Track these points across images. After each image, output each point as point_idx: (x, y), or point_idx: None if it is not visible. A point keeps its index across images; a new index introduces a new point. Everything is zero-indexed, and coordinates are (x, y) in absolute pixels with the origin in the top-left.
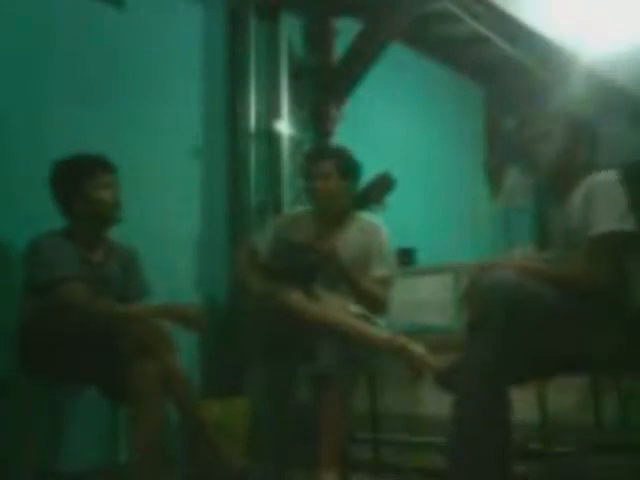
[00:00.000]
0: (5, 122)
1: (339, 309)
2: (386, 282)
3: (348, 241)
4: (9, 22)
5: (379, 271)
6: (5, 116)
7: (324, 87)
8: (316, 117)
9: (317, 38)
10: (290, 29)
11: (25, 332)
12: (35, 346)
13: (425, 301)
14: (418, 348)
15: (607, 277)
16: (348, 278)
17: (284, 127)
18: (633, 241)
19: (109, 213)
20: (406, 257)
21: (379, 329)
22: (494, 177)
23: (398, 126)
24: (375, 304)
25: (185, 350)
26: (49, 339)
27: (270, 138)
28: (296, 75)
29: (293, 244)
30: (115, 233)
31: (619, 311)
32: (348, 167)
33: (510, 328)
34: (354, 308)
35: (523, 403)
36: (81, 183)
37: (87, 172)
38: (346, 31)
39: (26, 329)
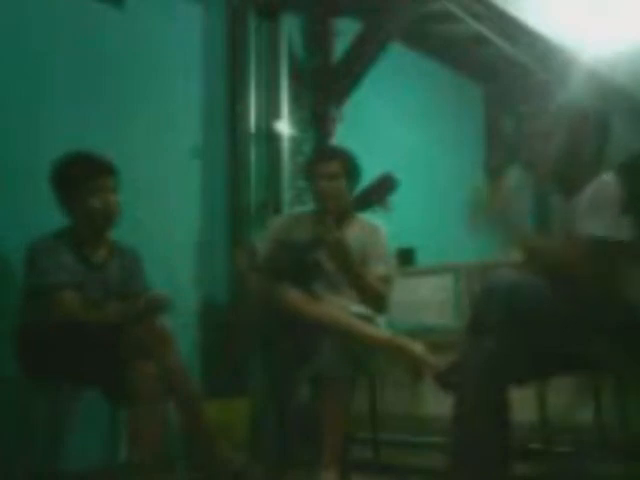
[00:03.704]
0: (5, 122)
1: (339, 309)
2: (387, 280)
3: (348, 241)
4: (9, 22)
5: (379, 269)
6: (5, 116)
7: (324, 87)
8: (316, 117)
9: (317, 38)
10: (290, 29)
11: (25, 333)
12: (35, 347)
13: (425, 301)
14: (418, 348)
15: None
16: (354, 269)
17: (284, 127)
18: (622, 248)
19: (105, 217)
20: (406, 257)
21: (379, 329)
22: (494, 177)
23: (398, 126)
24: (377, 300)
25: (185, 350)
26: (49, 340)
27: (270, 138)
28: (296, 75)
29: (296, 243)
30: (115, 233)
31: (619, 311)
32: (353, 168)
33: (509, 328)
34: (354, 308)
35: (523, 403)
36: (77, 186)
37: (84, 175)
38: (346, 31)
39: (26, 331)
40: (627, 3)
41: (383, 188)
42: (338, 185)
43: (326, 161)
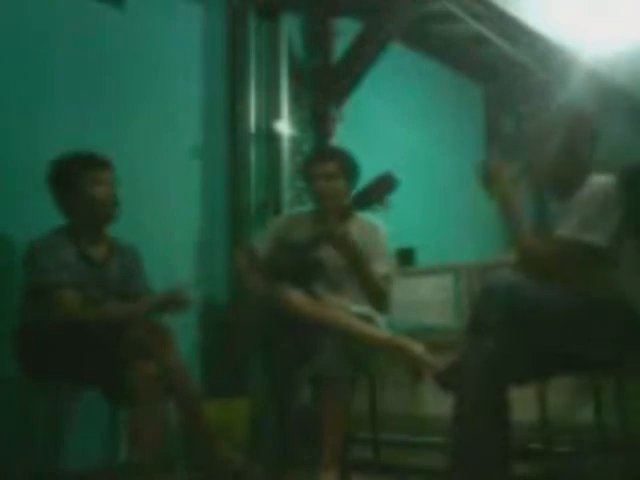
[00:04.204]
0: (5, 122)
1: (339, 309)
2: (387, 279)
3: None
4: (9, 22)
5: (380, 268)
6: (5, 116)
7: (324, 87)
8: (316, 117)
9: (317, 38)
10: (290, 29)
11: (25, 333)
12: (35, 347)
13: (425, 301)
14: (418, 348)
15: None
16: (360, 263)
17: (284, 127)
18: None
19: (105, 209)
20: (406, 257)
21: (379, 329)
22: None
23: (398, 126)
24: (380, 298)
25: (185, 350)
26: (49, 340)
27: (270, 138)
28: (296, 75)
29: (296, 243)
30: (115, 232)
31: (618, 312)
32: (351, 168)
33: (509, 328)
34: (355, 308)
35: (523, 403)
36: (76, 180)
37: (81, 169)
38: (346, 31)
39: (26, 330)
40: (627, 3)
41: (383, 187)
42: (336, 185)
43: (324, 161)
